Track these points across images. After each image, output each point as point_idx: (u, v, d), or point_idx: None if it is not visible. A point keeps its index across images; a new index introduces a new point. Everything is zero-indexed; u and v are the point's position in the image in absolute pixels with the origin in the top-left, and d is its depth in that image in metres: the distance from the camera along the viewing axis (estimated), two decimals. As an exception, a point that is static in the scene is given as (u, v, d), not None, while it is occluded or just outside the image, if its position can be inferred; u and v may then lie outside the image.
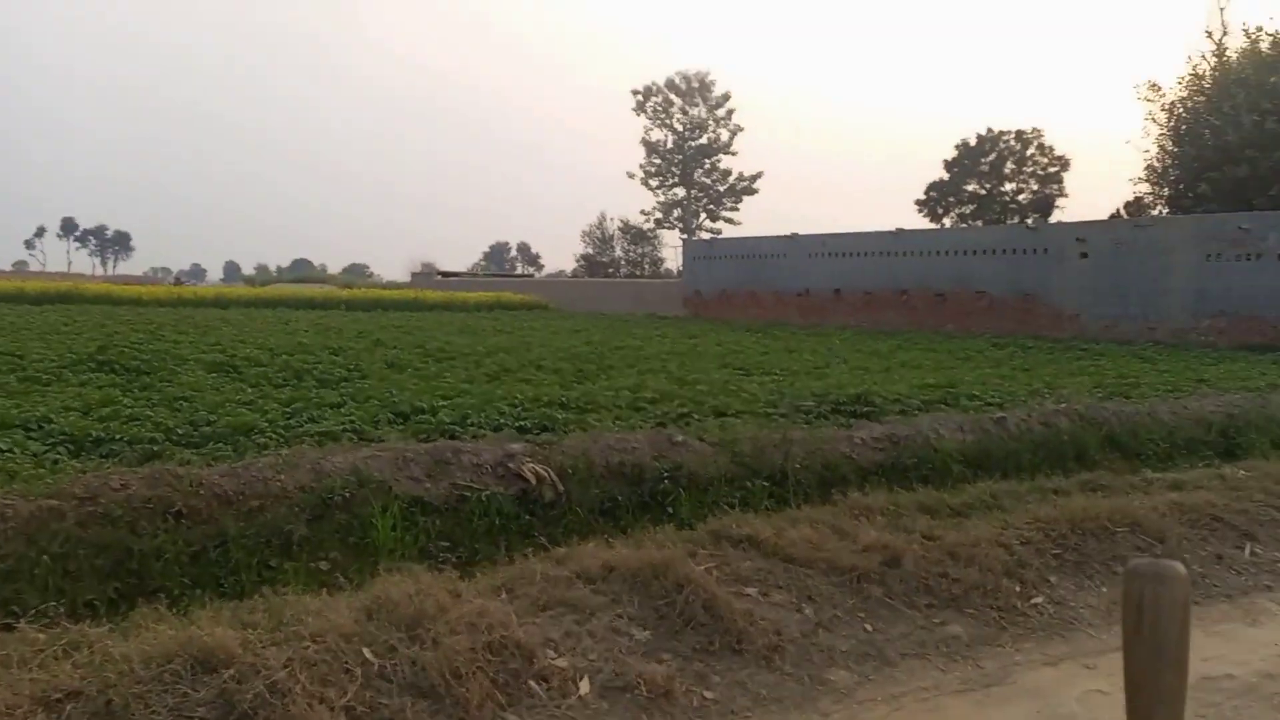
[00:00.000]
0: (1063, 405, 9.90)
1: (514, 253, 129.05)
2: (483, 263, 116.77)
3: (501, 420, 8.50)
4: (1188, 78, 30.19)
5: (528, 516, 6.49)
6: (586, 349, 17.04)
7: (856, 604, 5.05)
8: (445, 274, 66.80)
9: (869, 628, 4.90)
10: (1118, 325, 24.00)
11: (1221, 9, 30.49)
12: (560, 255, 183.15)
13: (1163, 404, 10.71)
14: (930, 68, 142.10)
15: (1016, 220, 45.02)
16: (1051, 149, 50.43)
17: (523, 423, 8.46)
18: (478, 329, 23.35)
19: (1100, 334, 23.86)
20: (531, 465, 6.71)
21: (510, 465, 6.69)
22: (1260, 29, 28.90)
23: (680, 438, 7.56)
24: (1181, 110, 29.76)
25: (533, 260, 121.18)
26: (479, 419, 8.46)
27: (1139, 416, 10.02)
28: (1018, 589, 5.44)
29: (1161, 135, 30.61)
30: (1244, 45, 29.13)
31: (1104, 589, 5.61)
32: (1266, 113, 26.37)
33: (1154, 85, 30.95)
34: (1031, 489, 7.03)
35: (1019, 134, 50.16)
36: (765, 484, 7.49)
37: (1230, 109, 27.16)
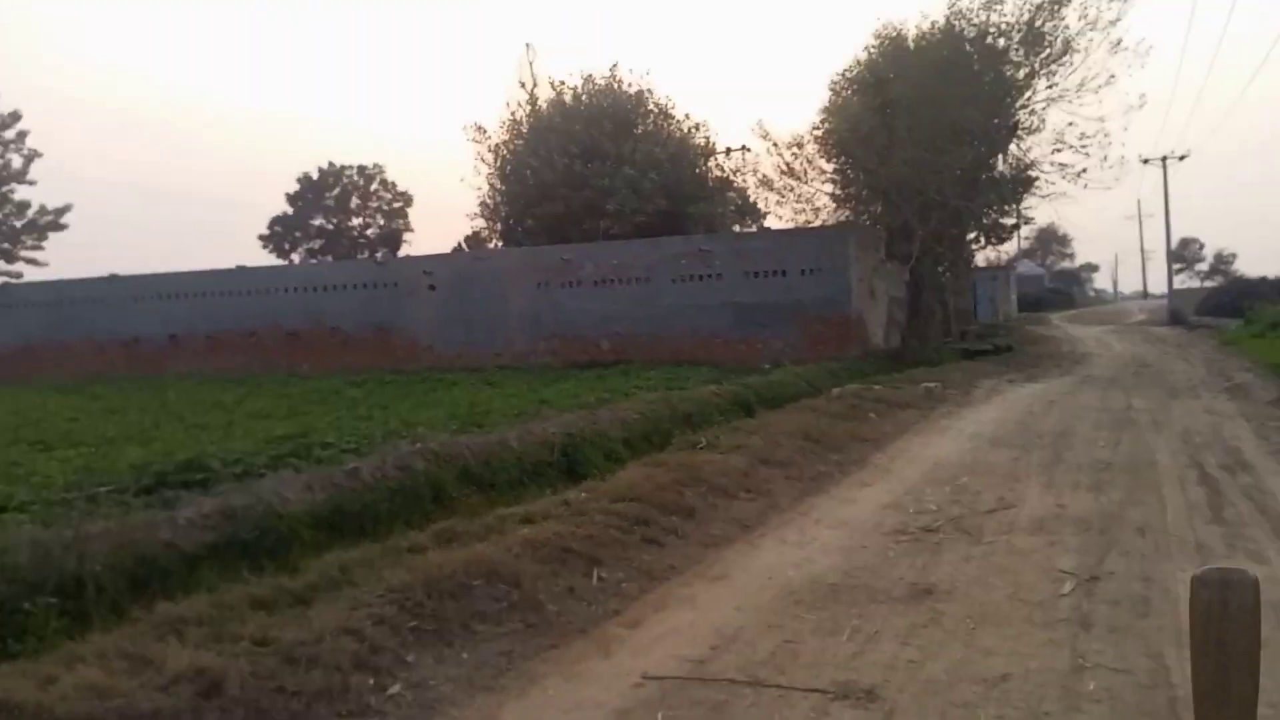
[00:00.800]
0: (418, 446, 9.48)
1: None
2: None
3: None
4: (508, 122, 33.17)
5: None
6: None
7: (158, 766, 3.77)
8: None
9: (174, 797, 3.66)
10: (468, 353, 25.18)
11: (531, 62, 34.01)
12: None
13: (511, 431, 10.92)
14: (264, 98, 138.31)
15: (367, 255, 45.63)
16: (394, 184, 52.27)
17: None
18: None
19: (453, 362, 24.79)
20: None
21: None
22: (563, 83, 32.93)
23: (-96, 564, 5.37)
24: (505, 152, 32.52)
25: None
26: None
27: (491, 447, 10.02)
28: (371, 682, 4.63)
29: (491, 174, 33.13)
30: (551, 96, 32.91)
31: (464, 655, 5.06)
32: (574, 156, 30.00)
33: (480, 128, 33.41)
34: (386, 551, 6.31)
35: (361, 169, 51.07)
36: (53, 601, 5.66)
37: (545, 152, 30.37)
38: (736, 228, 32.75)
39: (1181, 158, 47.75)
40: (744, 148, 33.07)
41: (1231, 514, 7.71)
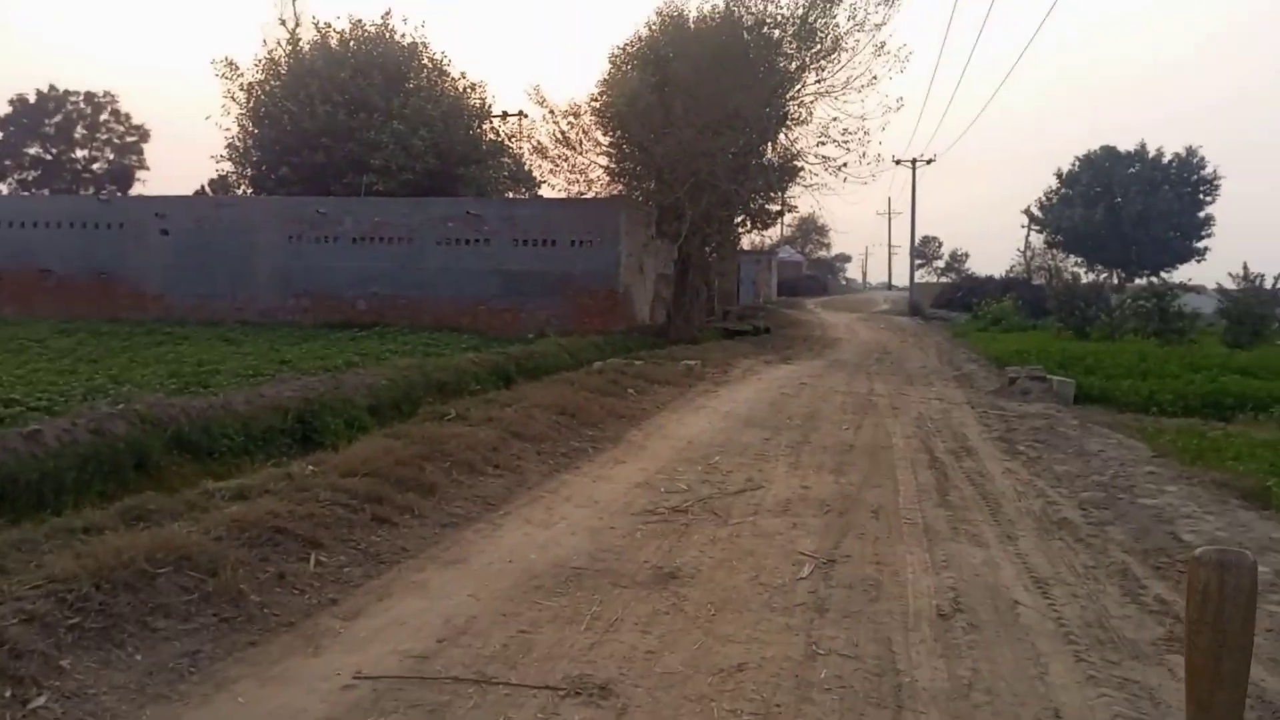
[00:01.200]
0: (120, 406, 8.32)
1: None
2: None
3: None
4: (265, 61, 30.44)
5: None
6: None
7: None
8: None
9: None
10: (206, 306, 23.13)
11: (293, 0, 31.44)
12: None
13: (240, 393, 9.91)
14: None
15: (92, 191, 41.05)
16: (129, 116, 47.38)
17: None
18: None
19: (188, 315, 22.69)
20: None
21: None
22: (329, 25, 30.63)
23: None
24: (260, 93, 29.84)
25: None
26: None
27: (213, 410, 9.00)
28: (9, 694, 3.81)
29: (242, 115, 30.27)
30: (315, 38, 30.53)
31: (138, 657, 4.30)
32: (338, 104, 28.01)
33: (231, 63, 30.42)
34: (54, 532, 5.34)
35: (89, 96, 45.80)
36: None
37: (306, 97, 28.13)
38: (510, 194, 31.95)
39: (929, 161, 51.77)
40: (520, 113, 32.32)
41: (955, 497, 8.08)
